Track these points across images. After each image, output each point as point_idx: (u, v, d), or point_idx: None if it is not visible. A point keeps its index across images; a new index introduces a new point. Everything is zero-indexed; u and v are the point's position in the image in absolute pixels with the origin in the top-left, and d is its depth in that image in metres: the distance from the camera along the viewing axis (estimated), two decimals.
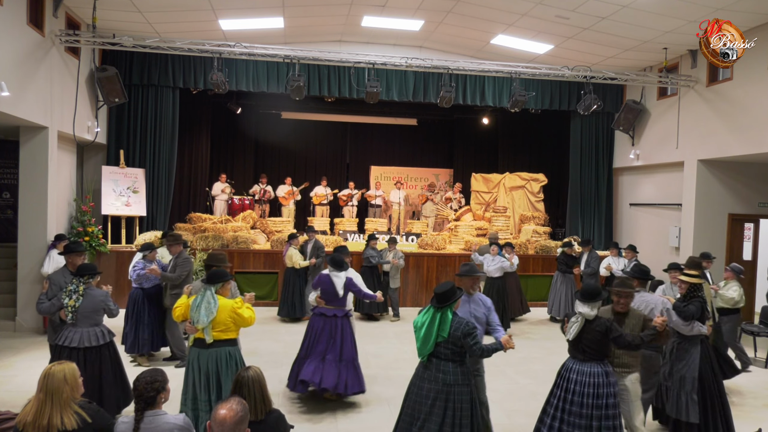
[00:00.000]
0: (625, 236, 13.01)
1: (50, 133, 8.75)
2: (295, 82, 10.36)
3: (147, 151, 11.27)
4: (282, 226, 12.11)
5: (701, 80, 10.56)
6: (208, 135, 14.32)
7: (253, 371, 3.18)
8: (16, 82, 7.66)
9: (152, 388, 3.06)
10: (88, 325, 4.98)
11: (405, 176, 16.25)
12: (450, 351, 4.06)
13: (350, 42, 12.00)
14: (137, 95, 11.21)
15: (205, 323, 4.39)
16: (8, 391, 6.04)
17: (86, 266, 5.19)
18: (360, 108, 13.88)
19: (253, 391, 3.09)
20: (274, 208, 14.35)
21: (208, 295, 4.46)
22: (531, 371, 7.28)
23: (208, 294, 4.46)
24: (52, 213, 8.87)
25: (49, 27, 8.72)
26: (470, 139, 16.55)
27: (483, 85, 12.23)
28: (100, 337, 5.00)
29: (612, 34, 10.22)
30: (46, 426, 2.89)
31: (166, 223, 11.47)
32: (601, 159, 13.19)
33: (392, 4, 10.00)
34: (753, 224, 10.84)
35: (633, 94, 12.59)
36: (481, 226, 12.98)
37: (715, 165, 10.49)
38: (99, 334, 5.02)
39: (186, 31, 10.74)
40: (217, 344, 4.48)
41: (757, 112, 9.17)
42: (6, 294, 9.07)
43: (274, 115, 15.49)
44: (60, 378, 2.97)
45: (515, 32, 10.87)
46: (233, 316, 4.48)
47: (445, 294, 4.11)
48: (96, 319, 5.06)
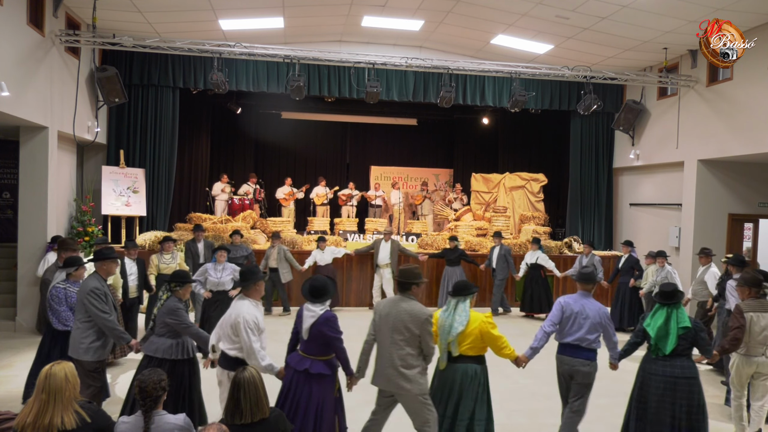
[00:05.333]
0: (625, 236, 12.98)
1: (50, 133, 8.75)
2: (295, 82, 10.36)
3: (147, 151, 11.27)
4: (282, 226, 12.10)
5: (701, 80, 10.56)
6: (208, 135, 14.32)
7: (249, 372, 3.17)
8: (16, 82, 7.66)
9: (159, 387, 3.09)
10: (165, 336, 4.50)
11: (405, 176, 16.27)
12: (685, 345, 4.56)
13: (350, 42, 12.00)
14: (137, 95, 11.21)
15: (453, 336, 4.30)
16: (8, 391, 6.04)
17: (179, 273, 4.76)
18: (360, 108, 13.89)
19: (248, 393, 3.08)
20: (273, 208, 14.36)
21: (460, 307, 4.38)
22: (531, 371, 7.25)
23: (460, 306, 4.38)
24: (52, 213, 8.87)
25: (49, 27, 8.71)
26: (470, 139, 16.56)
27: (483, 85, 12.22)
28: (176, 351, 4.48)
29: (612, 34, 10.22)
30: (47, 426, 2.89)
31: (166, 223, 11.47)
32: (601, 159, 13.19)
33: (392, 4, 10.00)
34: (753, 224, 10.84)
35: (633, 94, 12.59)
36: (481, 226, 12.97)
37: (715, 165, 10.49)
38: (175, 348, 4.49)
39: (186, 31, 10.73)
40: (462, 359, 4.34)
41: (757, 112, 9.17)
42: (6, 294, 9.08)
43: (274, 115, 15.49)
44: (61, 377, 2.97)
45: (515, 32, 10.87)
46: (483, 332, 4.33)
47: (674, 293, 4.66)
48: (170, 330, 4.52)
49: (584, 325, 4.64)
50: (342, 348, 4.19)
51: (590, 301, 4.75)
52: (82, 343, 4.69)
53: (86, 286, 4.77)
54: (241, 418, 3.04)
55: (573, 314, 4.69)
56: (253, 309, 4.24)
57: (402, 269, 4.37)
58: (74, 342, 4.74)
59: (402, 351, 4.09)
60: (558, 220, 15.16)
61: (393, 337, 4.13)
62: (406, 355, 4.09)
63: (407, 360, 4.09)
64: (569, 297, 4.83)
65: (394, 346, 4.11)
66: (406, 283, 4.26)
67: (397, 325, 4.12)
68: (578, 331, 4.65)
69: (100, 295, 4.70)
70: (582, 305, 4.71)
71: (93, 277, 4.88)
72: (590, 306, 4.70)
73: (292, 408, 4.05)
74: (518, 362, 4.62)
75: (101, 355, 4.79)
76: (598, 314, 4.66)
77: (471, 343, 4.33)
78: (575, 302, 4.75)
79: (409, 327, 4.09)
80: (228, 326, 4.21)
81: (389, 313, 4.17)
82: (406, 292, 4.25)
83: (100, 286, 4.76)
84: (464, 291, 4.45)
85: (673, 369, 4.49)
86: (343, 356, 4.21)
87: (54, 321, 5.26)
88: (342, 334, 4.19)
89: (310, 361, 4.11)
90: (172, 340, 4.48)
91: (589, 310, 4.67)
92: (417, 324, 4.09)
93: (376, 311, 4.33)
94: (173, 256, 8.28)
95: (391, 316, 4.16)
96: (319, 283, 4.26)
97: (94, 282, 4.78)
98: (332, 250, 10.47)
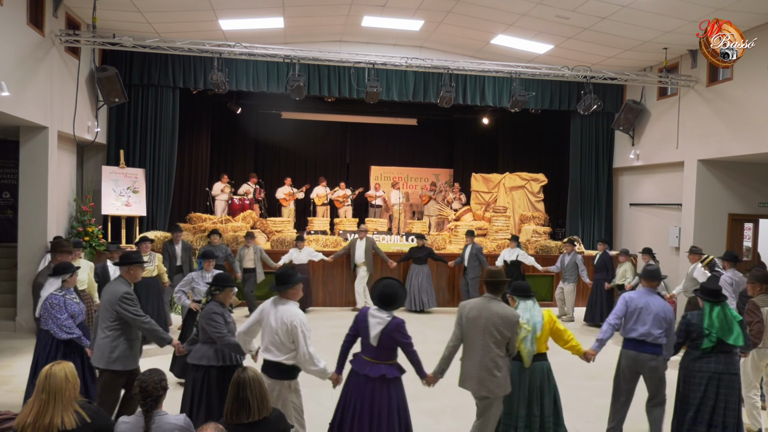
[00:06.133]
0: (625, 236, 13.02)
1: (50, 133, 8.75)
2: (295, 82, 10.36)
3: (147, 151, 11.27)
4: (282, 226, 12.11)
5: (701, 80, 10.56)
6: (208, 135, 14.32)
7: (251, 371, 3.18)
8: (16, 82, 7.65)
9: (160, 387, 3.09)
10: (209, 343, 4.36)
11: (405, 176, 16.27)
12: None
13: (350, 42, 12.00)
14: (137, 95, 11.20)
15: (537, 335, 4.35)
16: (8, 391, 6.04)
17: (221, 276, 4.59)
18: (360, 108, 13.89)
19: (254, 391, 3.09)
20: (273, 208, 14.36)
21: (532, 306, 4.44)
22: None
23: (531, 304, 4.44)
24: (52, 213, 8.87)
25: (49, 27, 8.71)
26: (470, 139, 16.56)
27: (483, 85, 12.22)
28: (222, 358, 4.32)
29: (612, 34, 10.22)
30: (47, 426, 2.89)
31: (166, 223, 11.46)
32: (601, 159, 13.19)
33: (392, 4, 10.00)
34: (753, 224, 10.85)
35: (633, 94, 12.59)
36: (481, 226, 12.98)
37: (715, 165, 10.49)
38: (220, 354, 4.33)
39: (186, 31, 10.73)
40: (537, 358, 4.43)
41: (757, 112, 9.17)
42: (6, 294, 9.07)
43: (274, 115, 15.50)
44: (62, 377, 2.97)
45: (515, 32, 10.87)
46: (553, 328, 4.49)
47: (720, 291, 4.78)
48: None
49: (648, 321, 4.77)
50: (414, 352, 4.18)
51: (655, 298, 4.91)
52: (112, 353, 4.50)
53: (116, 291, 4.56)
54: (248, 416, 3.04)
55: (637, 309, 4.84)
56: (300, 311, 4.14)
57: (490, 270, 4.40)
58: (102, 351, 4.52)
59: (492, 353, 4.13)
60: (558, 220, 15.17)
61: (484, 340, 4.14)
62: (496, 356, 4.13)
63: (497, 362, 4.14)
64: (634, 293, 5.01)
65: (486, 349, 4.13)
66: (496, 283, 4.27)
67: (489, 328, 4.14)
68: (643, 326, 4.79)
69: (133, 299, 4.57)
70: (647, 301, 4.86)
71: (120, 282, 4.69)
72: (655, 302, 4.86)
73: (374, 414, 4.00)
74: (587, 356, 4.75)
75: (131, 364, 4.62)
76: (663, 310, 4.81)
77: (544, 340, 4.47)
78: (639, 298, 4.90)
79: (501, 330, 4.13)
80: (281, 334, 4.02)
81: (479, 316, 4.18)
82: (495, 294, 4.27)
83: (129, 290, 4.61)
84: (529, 290, 4.54)
85: (717, 365, 4.63)
86: (416, 359, 4.20)
87: (56, 331, 4.90)
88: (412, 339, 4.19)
89: (384, 366, 4.08)
90: (217, 345, 4.33)
91: (653, 306, 4.82)
92: (508, 326, 4.14)
93: (462, 314, 4.30)
94: (150, 258, 7.75)
95: (481, 318, 4.16)
96: (391, 290, 4.16)
97: (122, 287, 4.60)
98: (309, 252, 10.34)
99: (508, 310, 4.18)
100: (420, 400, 5.35)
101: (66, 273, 5.10)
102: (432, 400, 5.93)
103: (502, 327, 4.12)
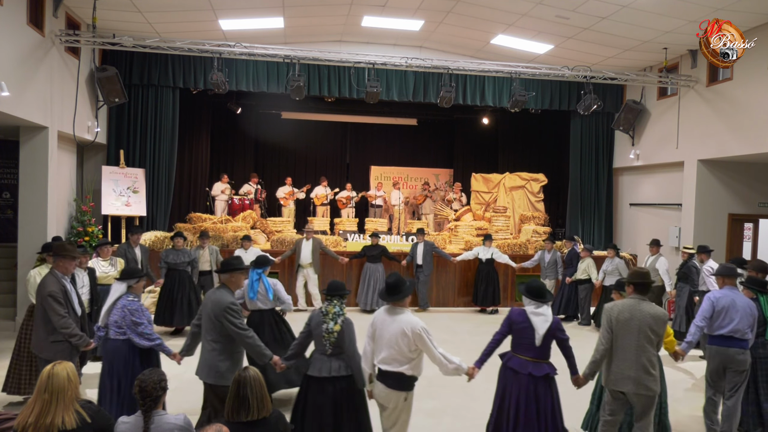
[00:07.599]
0: (625, 236, 13.02)
1: (50, 133, 8.75)
2: (295, 82, 10.36)
3: (147, 151, 11.27)
4: (282, 226, 12.11)
5: (701, 80, 10.57)
6: (208, 135, 14.31)
7: (252, 371, 3.19)
8: (16, 82, 7.66)
9: (160, 387, 3.10)
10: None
11: (405, 176, 16.27)
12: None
13: (350, 42, 12.00)
14: (137, 95, 11.21)
15: None
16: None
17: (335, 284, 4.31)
18: (360, 108, 13.89)
19: (254, 390, 3.11)
20: (273, 208, 14.36)
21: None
22: None
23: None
24: (52, 213, 8.87)
25: (49, 27, 8.71)
26: (470, 139, 16.56)
27: (483, 85, 12.23)
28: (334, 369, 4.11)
29: (612, 34, 10.23)
30: (48, 426, 2.89)
31: (166, 223, 11.47)
32: (601, 159, 13.19)
33: (392, 4, 10.00)
34: (753, 224, 10.85)
35: (633, 94, 12.59)
36: (481, 226, 12.98)
37: (715, 165, 10.49)
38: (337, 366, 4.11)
39: (186, 31, 10.74)
40: None
41: (757, 112, 9.18)
42: (6, 294, 9.08)
43: (274, 115, 15.49)
44: (63, 377, 2.97)
45: (515, 32, 10.87)
46: None
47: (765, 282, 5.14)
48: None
49: (736, 318, 4.98)
50: (571, 347, 4.36)
51: (739, 295, 5.12)
52: (219, 368, 4.19)
53: (221, 301, 4.20)
54: (248, 415, 3.06)
55: (724, 308, 5.04)
56: (417, 317, 4.07)
57: (638, 271, 4.42)
58: (210, 366, 4.22)
59: (648, 353, 4.22)
60: (558, 220, 15.17)
61: (639, 341, 4.22)
62: (651, 356, 4.24)
63: (653, 361, 4.24)
64: (718, 292, 5.17)
65: (641, 349, 4.21)
66: (644, 284, 4.34)
67: (643, 329, 4.22)
68: (730, 323, 4.98)
69: (238, 311, 4.23)
70: (732, 299, 5.06)
71: (224, 291, 4.31)
72: (740, 299, 5.07)
73: (541, 413, 4.13)
74: (676, 356, 4.93)
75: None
76: (748, 306, 5.03)
77: None
78: (725, 296, 5.08)
79: (654, 329, 4.23)
80: (401, 345, 3.94)
81: (632, 317, 4.24)
82: (643, 294, 4.33)
83: (235, 300, 4.28)
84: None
85: (765, 350, 5.15)
86: (572, 355, 4.37)
87: (138, 339, 4.58)
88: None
89: (546, 365, 4.24)
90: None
91: (739, 303, 5.03)
92: (660, 325, 4.25)
93: (611, 317, 4.32)
94: (112, 263, 7.36)
95: (635, 319, 4.23)
96: (538, 283, 4.38)
97: (228, 296, 4.25)
98: (256, 253, 10.02)
99: (659, 310, 4.28)
100: (420, 400, 5.34)
101: (132, 278, 4.79)
102: (432, 400, 5.93)
103: (655, 326, 4.23)
